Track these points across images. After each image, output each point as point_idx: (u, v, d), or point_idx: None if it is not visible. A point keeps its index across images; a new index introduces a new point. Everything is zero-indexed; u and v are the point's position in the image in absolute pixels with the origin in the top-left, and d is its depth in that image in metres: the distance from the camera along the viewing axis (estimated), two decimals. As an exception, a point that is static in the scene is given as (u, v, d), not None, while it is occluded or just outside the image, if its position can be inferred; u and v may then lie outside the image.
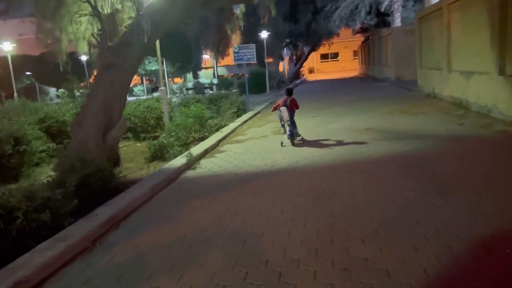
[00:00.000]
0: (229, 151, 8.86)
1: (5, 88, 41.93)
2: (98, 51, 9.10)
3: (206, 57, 45.82)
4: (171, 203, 5.57)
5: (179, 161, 7.65)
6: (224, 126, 12.05)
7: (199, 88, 28.96)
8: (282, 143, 9.03)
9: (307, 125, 11.47)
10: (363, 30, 36.60)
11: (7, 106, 11.16)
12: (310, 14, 33.45)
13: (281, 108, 8.89)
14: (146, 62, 32.76)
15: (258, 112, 15.88)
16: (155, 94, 34.23)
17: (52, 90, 45.97)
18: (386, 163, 6.68)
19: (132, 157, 9.58)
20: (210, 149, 9.05)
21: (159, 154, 8.77)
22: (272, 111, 9.86)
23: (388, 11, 30.22)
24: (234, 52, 16.68)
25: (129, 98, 34.59)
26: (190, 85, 34.78)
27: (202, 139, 10.67)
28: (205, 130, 11.13)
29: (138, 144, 11.48)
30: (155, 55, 29.72)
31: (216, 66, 47.91)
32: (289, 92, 9.39)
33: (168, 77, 36.13)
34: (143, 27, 8.05)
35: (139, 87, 45.47)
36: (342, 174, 6.25)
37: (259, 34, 29.28)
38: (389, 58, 26.89)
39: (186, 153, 7.91)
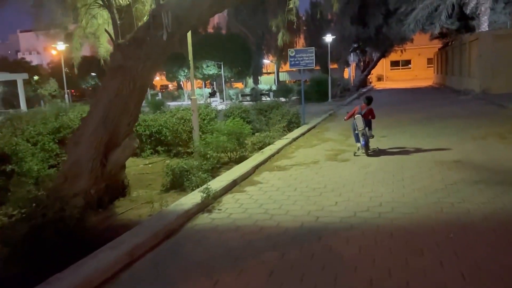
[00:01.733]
0: (265, 184, 6.76)
1: (73, 88, 43.36)
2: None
3: (267, 61, 44.09)
4: None
5: (191, 198, 5.69)
6: (269, 144, 9.98)
7: (255, 94, 27.17)
8: (355, 153, 8.67)
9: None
10: (441, 35, 32.77)
11: (15, 114, 9.92)
12: (381, 17, 30.40)
13: (355, 116, 8.52)
14: (204, 66, 31.65)
15: (314, 127, 13.61)
16: (212, 100, 33.06)
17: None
18: (495, 233, 4.21)
19: (152, 179, 7.84)
20: (242, 178, 7.01)
21: (179, 182, 6.93)
22: (346, 119, 9.26)
23: (474, 14, 26.46)
24: (290, 56, 14.57)
25: (186, 103, 33.93)
26: (247, 91, 33.21)
27: (241, 159, 8.71)
28: (244, 149, 9.14)
29: (168, 161, 9.77)
30: (210, 58, 28.41)
31: (278, 72, 46.12)
32: (369, 101, 8.87)
33: (225, 82, 34.87)
34: (161, 21, 6.26)
35: (198, 91, 44.90)
36: (426, 249, 3.91)
37: (323, 38, 26.90)
38: (473, 67, 23.27)
39: (203, 187, 5.93)
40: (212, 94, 36.21)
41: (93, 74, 42.88)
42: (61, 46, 20.06)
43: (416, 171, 6.93)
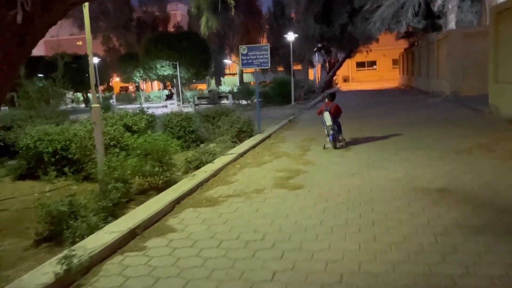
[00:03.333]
0: (180, 233, 4.68)
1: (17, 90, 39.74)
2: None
3: (228, 62, 42.05)
4: None
5: (42, 273, 3.54)
6: (206, 162, 7.91)
7: (212, 97, 25.04)
8: (324, 146, 9.24)
9: (333, 170, 7.16)
10: (407, 34, 31.71)
11: None
12: (346, 15, 28.93)
13: (324, 113, 9.15)
14: (158, 66, 29.16)
15: (269, 136, 11.64)
16: (169, 103, 30.68)
17: (69, 94, 43.63)
18: None
19: (33, 220, 5.56)
20: (148, 223, 4.90)
21: (58, 229, 4.79)
22: (317, 115, 9.76)
23: (441, 12, 25.38)
24: (242, 54, 12.55)
25: (146, 105, 31.31)
26: (206, 93, 31.04)
27: (166, 185, 6.63)
28: (170, 172, 7.00)
29: (75, 187, 7.56)
30: (165, 58, 25.99)
31: (242, 73, 44.10)
32: (332, 97, 9.60)
33: (184, 83, 32.54)
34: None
35: (156, 93, 42.26)
36: None
37: (285, 36, 25.08)
38: (442, 67, 22.05)
39: (63, 254, 3.78)
40: (169, 96, 33.80)
41: (40, 75, 39.50)
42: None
43: (391, 207, 5.04)
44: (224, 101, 25.18)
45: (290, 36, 24.19)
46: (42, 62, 39.07)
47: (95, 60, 35.58)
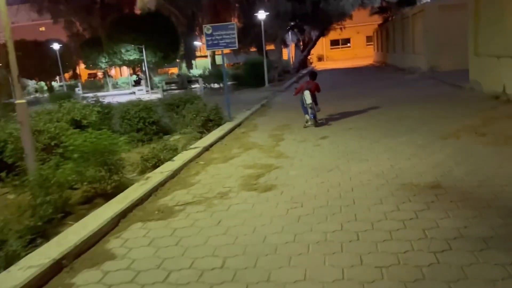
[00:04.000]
0: (120, 260, 3.73)
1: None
2: None
3: (199, 44, 40.53)
4: None
5: None
6: (165, 160, 6.91)
7: (181, 81, 23.76)
8: (305, 125, 9.25)
9: (308, 163, 6.29)
10: (381, 9, 30.93)
11: None
12: (318, -9, 27.85)
13: (304, 92, 9.14)
14: (123, 51, 27.49)
15: (240, 124, 10.67)
16: (137, 90, 29.00)
17: (32, 83, 41.37)
18: None
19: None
20: (84, 246, 3.93)
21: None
22: (294, 95, 9.72)
23: (415, -15, 24.70)
24: (207, 35, 11.40)
25: (113, 92, 29.68)
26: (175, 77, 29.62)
27: (118, 190, 5.64)
28: (118, 175, 5.98)
29: (11, 196, 6.47)
30: (130, 41, 24.43)
31: (214, 55, 42.59)
32: (313, 76, 9.70)
33: (153, 68, 31.01)
34: None
35: (123, 79, 40.46)
36: None
37: (256, 15, 23.86)
38: (418, 43, 21.39)
39: None
40: (137, 82, 32.18)
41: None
42: None
43: (377, 212, 4.21)
44: (196, 85, 23.94)
45: (261, 15, 23.02)
46: (1, 50, 36.79)
47: (56, 46, 33.56)
